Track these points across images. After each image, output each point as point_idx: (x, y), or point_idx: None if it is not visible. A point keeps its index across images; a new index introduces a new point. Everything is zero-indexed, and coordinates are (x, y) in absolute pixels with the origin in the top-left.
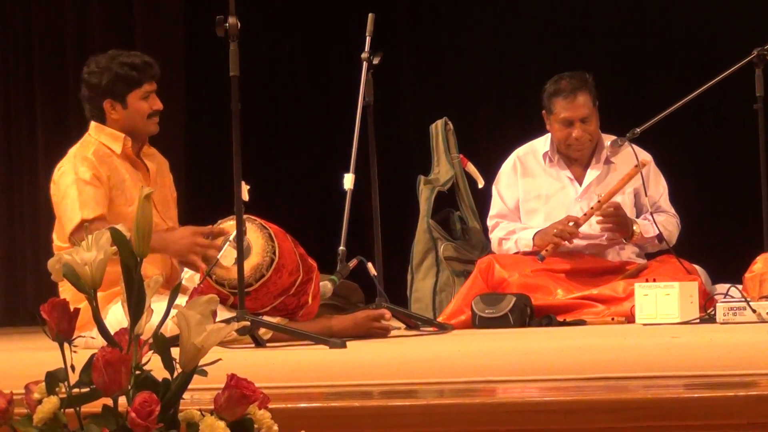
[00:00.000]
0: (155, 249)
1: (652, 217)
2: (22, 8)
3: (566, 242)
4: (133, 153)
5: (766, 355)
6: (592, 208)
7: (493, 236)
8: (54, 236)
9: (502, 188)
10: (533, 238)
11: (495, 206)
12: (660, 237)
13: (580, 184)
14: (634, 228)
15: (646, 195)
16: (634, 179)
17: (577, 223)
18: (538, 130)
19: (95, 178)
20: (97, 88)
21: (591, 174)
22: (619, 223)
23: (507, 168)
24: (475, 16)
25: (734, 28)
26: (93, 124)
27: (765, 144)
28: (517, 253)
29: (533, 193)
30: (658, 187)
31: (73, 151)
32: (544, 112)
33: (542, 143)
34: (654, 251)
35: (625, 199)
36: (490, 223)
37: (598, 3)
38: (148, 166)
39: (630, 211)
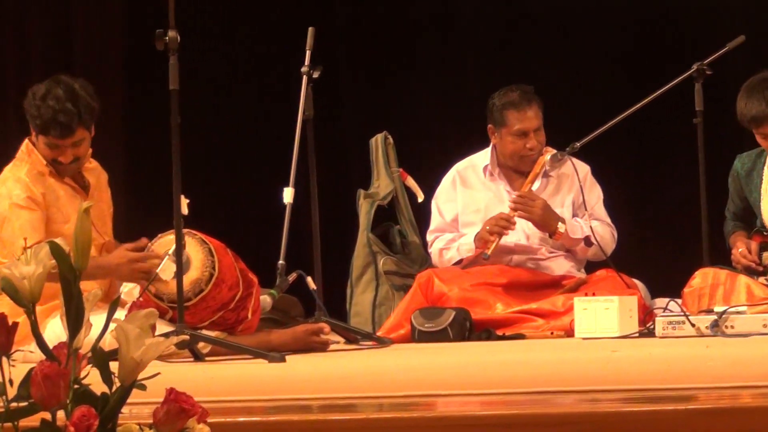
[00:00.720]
0: (97, 276)
1: (584, 220)
2: None
3: (506, 232)
4: (65, 174)
5: (705, 369)
6: (514, 199)
7: (434, 249)
8: None
9: (441, 203)
10: (474, 241)
11: (434, 221)
12: (588, 240)
13: None
14: (558, 225)
15: (584, 203)
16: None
17: (509, 216)
18: (479, 144)
19: (30, 201)
20: (27, 115)
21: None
22: (533, 212)
23: (446, 183)
24: (415, 31)
25: (675, 43)
26: (26, 142)
27: (705, 159)
28: (459, 260)
29: (472, 207)
30: (593, 196)
31: (7, 172)
32: (490, 126)
33: (482, 157)
34: (584, 257)
35: (564, 212)
36: (429, 237)
37: (538, 18)
38: (88, 180)
39: (573, 222)
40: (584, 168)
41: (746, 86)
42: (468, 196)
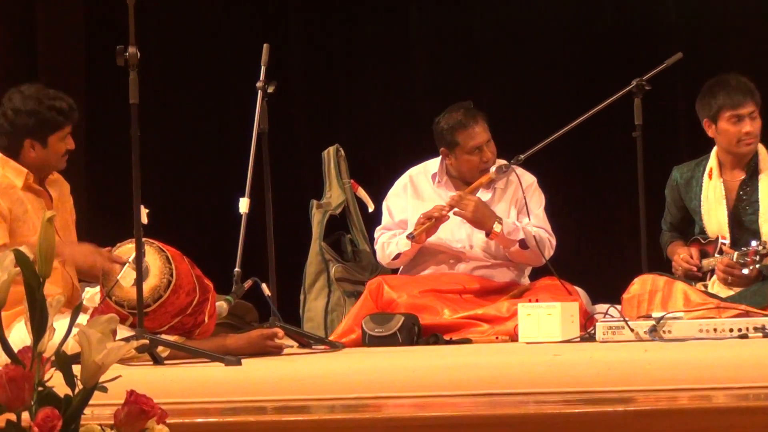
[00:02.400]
0: (65, 258)
1: (522, 225)
2: None
3: (436, 216)
4: (36, 183)
5: (644, 371)
6: (452, 198)
7: (378, 244)
8: None
9: (391, 204)
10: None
11: (384, 220)
12: (523, 243)
13: None
14: (495, 225)
15: (527, 209)
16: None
17: (442, 207)
18: (426, 155)
19: None
20: (22, 127)
21: (480, 196)
22: (467, 209)
23: (398, 187)
24: (365, 49)
25: (616, 60)
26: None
27: (643, 170)
28: (399, 255)
29: (421, 211)
30: (535, 204)
31: None
32: (443, 149)
33: (434, 164)
34: (521, 260)
35: (510, 216)
36: (376, 234)
37: (485, 37)
38: (51, 193)
39: (512, 224)
40: (530, 178)
41: (710, 82)
42: (417, 202)
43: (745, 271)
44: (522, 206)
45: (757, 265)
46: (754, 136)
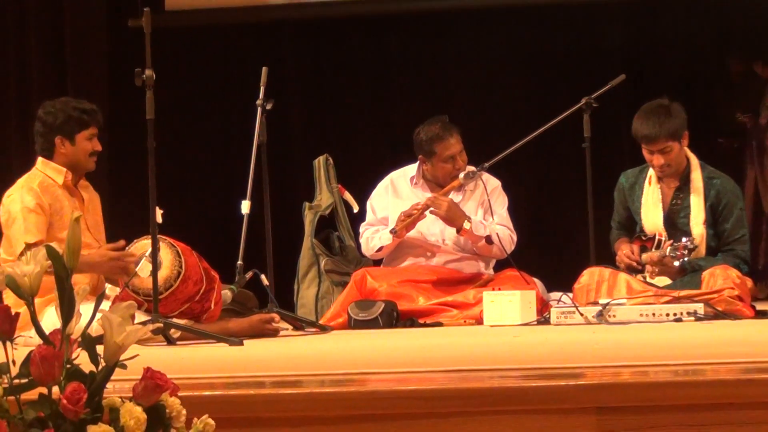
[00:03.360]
0: (83, 271)
1: (488, 224)
2: None
3: (414, 214)
4: (72, 184)
5: (592, 351)
6: (428, 199)
7: (363, 238)
8: (0, 250)
9: (375, 203)
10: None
11: (368, 217)
12: (489, 239)
13: None
14: (465, 223)
15: (491, 209)
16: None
17: (416, 207)
18: (404, 163)
19: (38, 207)
20: (51, 125)
21: (452, 197)
22: (441, 208)
23: (381, 188)
24: (351, 72)
25: (568, 81)
26: (40, 159)
27: (591, 176)
28: (380, 248)
29: (400, 209)
30: (499, 205)
31: (21, 181)
32: (421, 156)
33: (412, 169)
34: (487, 254)
35: (476, 218)
36: (361, 229)
37: (456, 59)
38: (83, 195)
39: (479, 222)
40: (495, 182)
41: (644, 109)
42: (398, 202)
43: (677, 263)
44: (488, 207)
45: (686, 259)
46: (666, 166)
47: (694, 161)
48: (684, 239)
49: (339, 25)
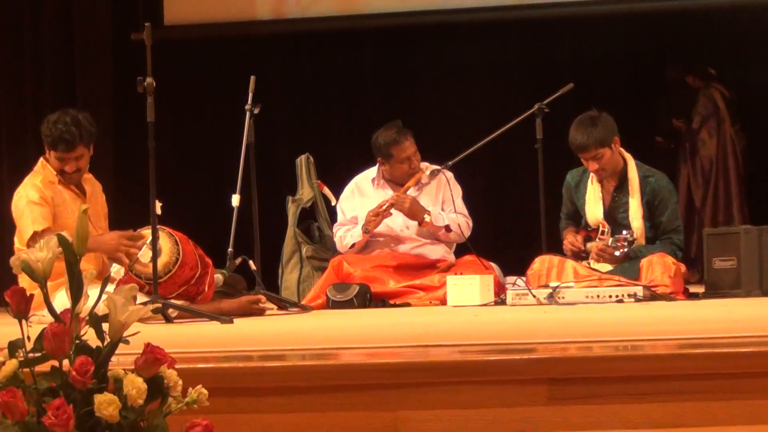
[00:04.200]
0: (91, 249)
1: (446, 214)
2: None
3: (383, 213)
4: (66, 184)
5: (543, 328)
6: (392, 197)
7: (337, 237)
8: (15, 240)
9: (344, 206)
10: (362, 227)
11: (339, 218)
12: (448, 228)
13: None
14: (425, 216)
15: (453, 201)
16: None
17: (381, 206)
18: (373, 162)
19: (42, 200)
20: (42, 136)
21: (411, 193)
22: (403, 206)
23: (348, 191)
24: (329, 81)
25: (522, 88)
26: (41, 160)
27: (542, 173)
28: (353, 245)
29: (367, 208)
30: (454, 193)
31: (27, 180)
32: (380, 159)
33: (373, 171)
34: (447, 240)
35: (436, 208)
36: (334, 229)
37: (421, 69)
38: (85, 189)
39: (438, 214)
40: (448, 173)
41: (577, 120)
42: (363, 201)
43: (617, 253)
44: (445, 199)
45: (625, 249)
46: (601, 170)
47: (631, 162)
48: (624, 232)
49: (319, 39)
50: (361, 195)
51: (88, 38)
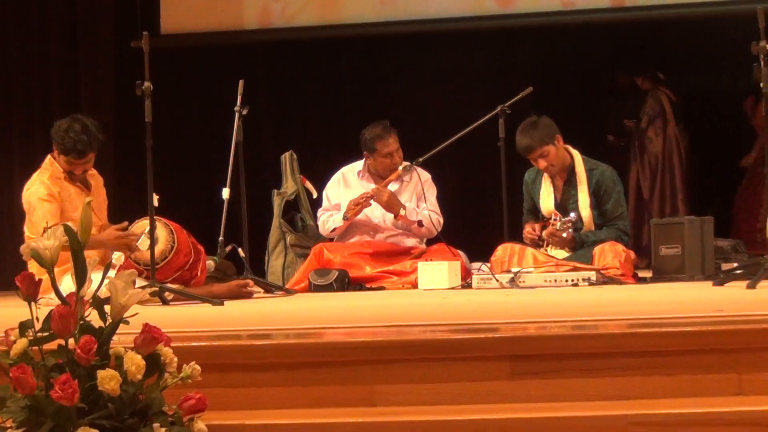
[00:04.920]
0: (94, 248)
1: (420, 209)
2: (3, 86)
3: (362, 202)
4: (72, 180)
5: (505, 309)
6: (372, 190)
7: (320, 221)
8: (25, 229)
9: (329, 193)
10: (343, 214)
11: (324, 204)
12: (420, 223)
13: None
14: (401, 210)
15: (424, 197)
16: (406, 179)
17: (362, 196)
18: (351, 159)
19: (50, 196)
20: (53, 140)
21: (391, 187)
22: (382, 198)
23: (334, 180)
24: (310, 85)
25: (485, 91)
26: (49, 157)
27: (505, 169)
28: (334, 229)
29: (350, 197)
30: (430, 194)
31: (34, 176)
32: (366, 153)
33: (359, 164)
34: (419, 234)
35: (410, 203)
36: (319, 213)
37: (395, 75)
38: (89, 183)
39: (412, 209)
40: (426, 175)
41: (519, 127)
42: (348, 192)
43: (564, 234)
44: (420, 195)
45: (570, 230)
46: (550, 167)
47: (577, 157)
48: (572, 214)
49: (301, 47)
50: (346, 185)
51: (91, 46)
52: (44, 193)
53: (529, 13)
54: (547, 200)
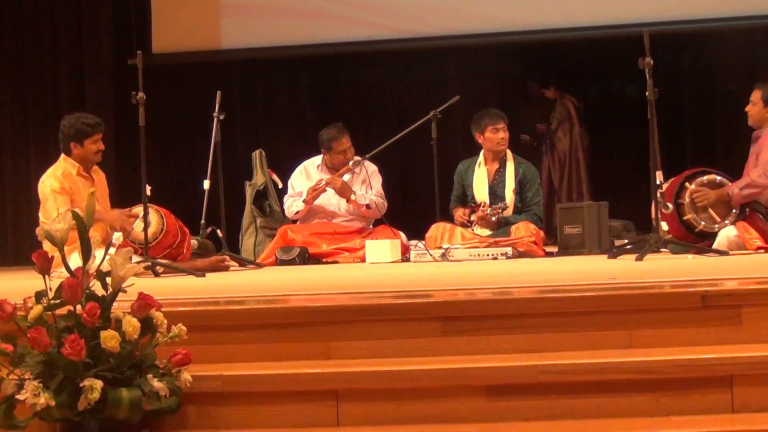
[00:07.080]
0: (98, 219)
1: (367, 195)
2: (17, 87)
3: (319, 188)
4: (84, 172)
5: (438, 278)
6: (327, 179)
7: (286, 205)
8: (40, 215)
9: (294, 182)
10: (302, 199)
11: (289, 191)
12: (368, 206)
13: None
14: (352, 195)
15: (370, 185)
16: (355, 171)
17: (319, 183)
18: (313, 154)
19: (62, 189)
20: (67, 134)
21: (345, 178)
22: (335, 185)
23: (297, 171)
24: (278, 94)
25: (420, 99)
26: (62, 155)
27: (437, 164)
28: (297, 212)
29: (310, 186)
30: (376, 182)
31: (49, 171)
32: (323, 150)
33: (318, 159)
34: (367, 215)
35: (360, 189)
36: (284, 199)
37: (349, 85)
38: (94, 177)
39: (361, 195)
40: (373, 167)
41: (481, 112)
42: (308, 181)
43: (494, 218)
44: (368, 184)
45: (499, 213)
46: (505, 141)
47: (509, 152)
48: (500, 203)
49: (268, 64)
50: (308, 176)
51: (94, 62)
52: (57, 186)
53: (456, 35)
54: (481, 185)
